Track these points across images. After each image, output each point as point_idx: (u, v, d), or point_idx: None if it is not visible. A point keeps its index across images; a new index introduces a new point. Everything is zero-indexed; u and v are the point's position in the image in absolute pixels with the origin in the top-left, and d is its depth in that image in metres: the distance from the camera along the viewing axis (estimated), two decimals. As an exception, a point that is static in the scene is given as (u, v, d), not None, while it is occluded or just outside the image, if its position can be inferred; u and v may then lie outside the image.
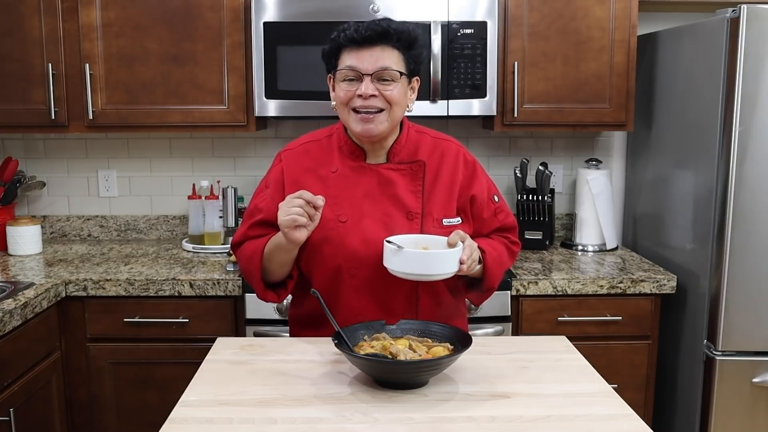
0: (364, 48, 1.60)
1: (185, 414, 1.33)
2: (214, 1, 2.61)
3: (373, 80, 1.60)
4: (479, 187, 1.76)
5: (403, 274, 1.55)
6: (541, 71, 2.67)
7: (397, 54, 1.62)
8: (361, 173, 1.70)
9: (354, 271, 1.65)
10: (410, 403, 1.36)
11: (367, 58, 1.60)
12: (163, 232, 3.12)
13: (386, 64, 1.60)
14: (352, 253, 1.65)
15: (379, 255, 1.59)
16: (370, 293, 1.66)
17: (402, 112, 1.67)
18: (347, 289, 1.67)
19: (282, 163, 1.75)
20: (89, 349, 2.45)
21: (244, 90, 2.64)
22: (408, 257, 1.53)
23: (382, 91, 1.60)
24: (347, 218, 1.66)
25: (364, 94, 1.59)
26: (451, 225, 1.69)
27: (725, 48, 2.27)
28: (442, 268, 1.55)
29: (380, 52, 1.60)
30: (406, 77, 1.64)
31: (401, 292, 1.67)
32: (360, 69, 1.60)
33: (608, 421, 1.31)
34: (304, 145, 1.77)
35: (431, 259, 1.54)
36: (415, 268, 1.53)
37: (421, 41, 1.68)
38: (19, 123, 2.67)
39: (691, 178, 2.51)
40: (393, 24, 1.62)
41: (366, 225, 1.66)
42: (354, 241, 1.65)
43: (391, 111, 1.63)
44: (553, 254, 2.84)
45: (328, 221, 1.65)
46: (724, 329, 2.33)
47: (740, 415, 2.37)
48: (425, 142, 1.75)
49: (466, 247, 1.56)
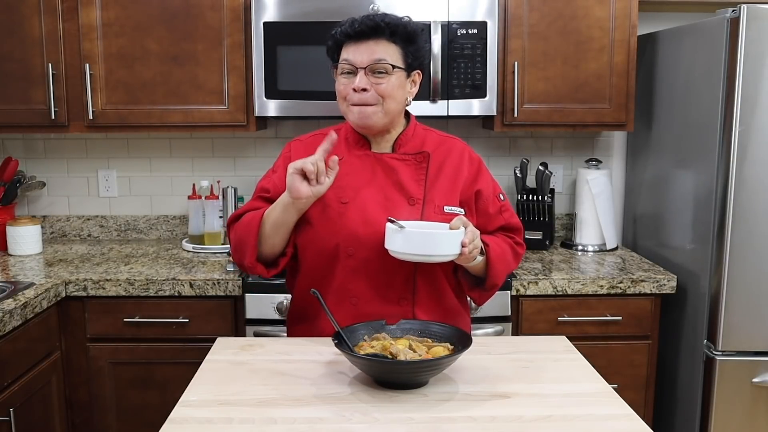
0: (360, 42, 1.64)
1: (185, 414, 1.33)
2: (214, 1, 2.61)
3: (368, 73, 1.63)
4: (485, 183, 1.78)
5: (404, 255, 1.55)
6: (541, 71, 2.67)
7: (394, 47, 1.65)
8: (366, 160, 1.73)
9: (351, 250, 1.66)
10: (410, 403, 1.36)
11: (361, 52, 1.63)
12: (163, 232, 3.12)
13: (380, 57, 1.63)
14: (351, 232, 1.66)
15: (378, 237, 1.61)
16: (366, 275, 1.67)
17: (398, 105, 1.68)
18: (343, 270, 1.67)
19: (291, 151, 1.78)
20: (89, 349, 2.45)
21: (244, 90, 2.64)
22: (410, 237, 1.53)
23: (375, 85, 1.63)
24: (349, 200, 1.68)
25: (357, 87, 1.63)
26: (452, 213, 1.70)
27: (725, 48, 2.27)
28: (443, 249, 1.55)
29: (375, 46, 1.63)
30: (402, 71, 1.66)
31: (398, 278, 1.67)
32: (354, 62, 1.64)
33: (608, 421, 1.31)
34: (313, 137, 1.80)
35: (433, 239, 1.54)
36: (416, 248, 1.53)
37: (421, 35, 1.69)
38: (19, 123, 2.67)
39: (691, 178, 2.51)
40: (387, 18, 1.65)
41: (367, 207, 1.67)
42: (354, 221, 1.66)
43: (384, 104, 1.65)
44: (553, 254, 2.84)
45: (330, 201, 1.67)
46: (724, 329, 2.33)
47: (740, 415, 2.37)
48: (431, 138, 1.79)
49: (468, 232, 1.57)
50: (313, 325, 1.74)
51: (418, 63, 1.70)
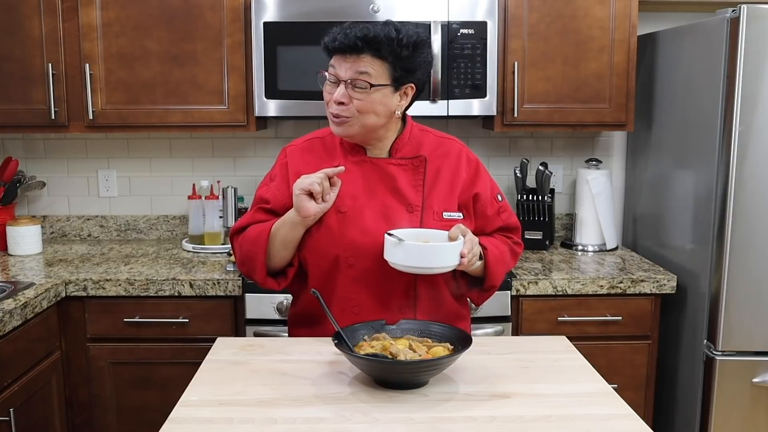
0: (345, 54, 1.60)
1: (185, 414, 1.33)
2: (214, 1, 2.61)
3: (348, 86, 1.60)
4: (483, 185, 1.77)
5: (403, 267, 1.56)
6: (541, 71, 2.67)
7: (380, 62, 1.59)
8: (363, 167, 1.71)
9: (352, 261, 1.66)
10: (410, 403, 1.36)
11: (344, 65, 1.60)
12: (163, 232, 3.12)
13: (362, 71, 1.59)
14: (351, 242, 1.65)
15: (377, 246, 1.61)
16: (367, 285, 1.66)
17: (379, 119, 1.63)
18: (344, 280, 1.67)
19: (287, 157, 1.77)
20: (89, 349, 2.45)
21: (244, 90, 2.64)
22: (408, 250, 1.53)
23: (354, 99, 1.60)
24: (347, 209, 1.67)
25: (335, 100, 1.62)
26: (451, 218, 1.69)
27: (725, 48, 2.27)
28: (442, 261, 1.55)
29: (359, 60, 1.59)
30: (387, 86, 1.61)
31: (399, 286, 1.67)
32: (338, 75, 1.62)
33: (608, 421, 1.31)
34: (308, 142, 1.79)
35: (432, 251, 1.55)
36: (416, 260, 1.54)
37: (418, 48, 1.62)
38: (19, 123, 2.67)
39: (691, 178, 2.51)
40: (373, 32, 1.58)
41: (366, 216, 1.67)
42: (353, 231, 1.66)
43: (360, 118, 1.62)
44: (553, 254, 2.85)
45: (329, 211, 1.66)
46: (724, 329, 2.33)
47: (740, 415, 2.37)
48: (428, 140, 1.77)
49: (467, 241, 1.57)
50: (320, 329, 1.73)
51: (411, 77, 1.63)
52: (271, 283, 1.72)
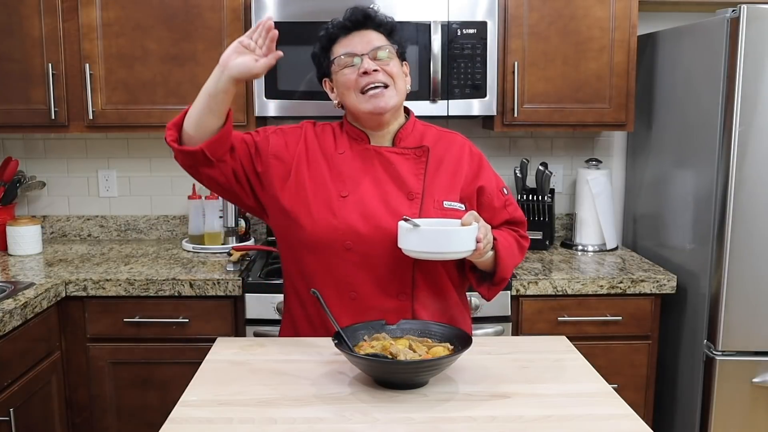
0: (354, 33, 1.68)
1: (185, 414, 1.33)
2: (214, 1, 2.61)
3: (370, 59, 1.67)
4: (487, 177, 1.78)
5: (419, 254, 1.56)
6: (541, 71, 2.67)
7: (383, 37, 1.71)
8: (365, 155, 1.73)
9: (350, 244, 1.66)
10: (410, 403, 1.36)
11: (359, 41, 1.68)
12: (163, 232, 3.12)
13: (378, 44, 1.68)
14: (351, 226, 1.66)
15: (377, 231, 1.63)
16: (365, 269, 1.67)
17: (405, 87, 1.73)
18: (342, 263, 1.67)
19: (303, 129, 1.80)
20: (89, 349, 2.45)
21: (243, 90, 2.64)
22: (424, 235, 1.54)
23: (383, 67, 1.67)
24: (348, 193, 1.69)
25: (368, 70, 1.65)
26: (451, 208, 1.70)
27: (725, 48, 2.27)
28: (458, 246, 1.55)
29: (369, 34, 1.69)
30: (398, 57, 1.72)
31: (397, 272, 1.67)
32: (356, 51, 1.67)
33: (608, 421, 1.30)
34: (321, 126, 1.82)
35: (448, 236, 1.55)
36: (432, 246, 1.54)
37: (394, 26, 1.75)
38: (19, 123, 2.67)
39: (691, 178, 2.51)
40: (369, 10, 1.70)
41: (366, 201, 1.68)
42: (353, 215, 1.66)
43: (395, 85, 1.69)
44: (553, 254, 2.85)
45: (330, 195, 1.68)
46: (724, 329, 2.33)
47: (740, 415, 2.37)
48: (431, 133, 1.79)
49: (481, 227, 1.58)
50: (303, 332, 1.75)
51: (402, 54, 1.75)
52: (171, 133, 1.67)
